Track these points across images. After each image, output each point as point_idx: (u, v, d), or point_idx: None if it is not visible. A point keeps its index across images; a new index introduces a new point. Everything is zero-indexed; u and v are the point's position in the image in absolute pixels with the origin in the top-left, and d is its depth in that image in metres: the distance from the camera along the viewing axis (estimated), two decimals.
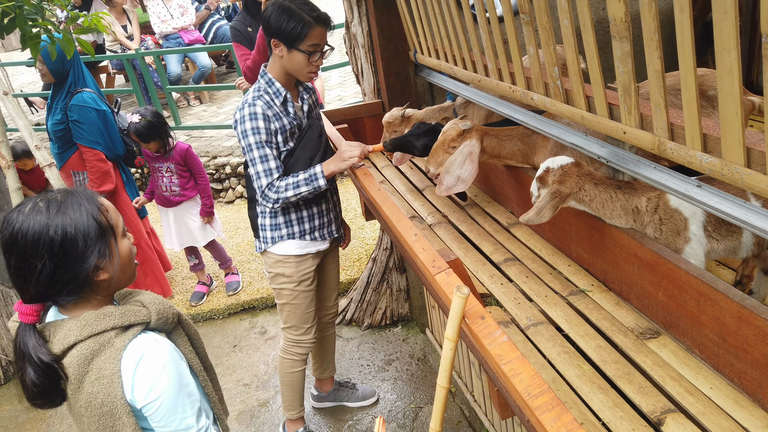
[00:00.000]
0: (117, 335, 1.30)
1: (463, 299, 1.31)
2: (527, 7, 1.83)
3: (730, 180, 1.29)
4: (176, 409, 1.31)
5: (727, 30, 1.14)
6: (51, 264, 1.24)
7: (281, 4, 2.19)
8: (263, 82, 2.32)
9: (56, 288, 1.28)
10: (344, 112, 3.25)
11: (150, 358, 1.29)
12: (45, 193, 1.31)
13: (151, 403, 1.29)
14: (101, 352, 1.28)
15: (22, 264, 1.25)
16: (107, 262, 1.30)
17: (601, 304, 1.79)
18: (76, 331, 1.28)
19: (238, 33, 3.80)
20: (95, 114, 3.59)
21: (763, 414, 1.33)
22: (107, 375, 1.27)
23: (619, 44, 1.47)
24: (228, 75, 8.71)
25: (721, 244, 1.63)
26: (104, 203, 1.34)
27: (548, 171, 1.80)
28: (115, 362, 1.27)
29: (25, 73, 11.76)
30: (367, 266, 3.87)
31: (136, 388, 1.28)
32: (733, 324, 1.36)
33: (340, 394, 3.18)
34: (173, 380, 1.31)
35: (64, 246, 1.24)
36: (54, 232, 1.23)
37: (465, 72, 2.51)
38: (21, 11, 2.44)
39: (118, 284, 1.38)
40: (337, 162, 2.30)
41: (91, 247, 1.27)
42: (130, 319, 1.33)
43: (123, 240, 1.36)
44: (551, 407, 1.06)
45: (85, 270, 1.27)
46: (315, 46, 2.21)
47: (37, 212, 1.25)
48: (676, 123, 1.43)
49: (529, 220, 1.78)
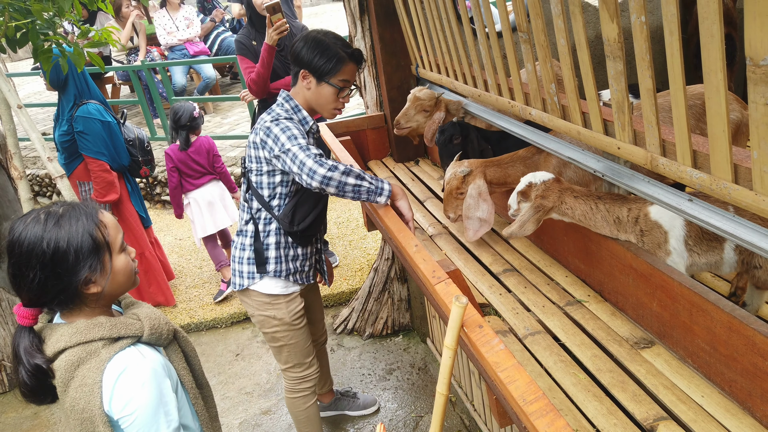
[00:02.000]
0: (104, 346, 1.34)
1: (462, 308, 1.35)
2: (525, 26, 1.89)
3: (718, 195, 1.34)
4: (150, 427, 1.33)
5: (713, 52, 1.19)
6: (41, 275, 1.29)
7: (314, 37, 2.15)
8: (288, 106, 2.21)
9: (48, 297, 1.33)
10: (347, 124, 3.31)
11: (131, 373, 1.33)
12: (50, 204, 1.37)
13: (126, 417, 1.32)
14: (87, 360, 1.32)
15: (17, 271, 1.31)
16: (98, 277, 1.34)
17: (597, 314, 1.83)
18: (67, 337, 1.33)
19: (242, 46, 3.87)
20: (100, 125, 3.67)
21: (752, 422, 1.37)
22: (89, 384, 1.31)
23: (612, 63, 1.52)
24: (232, 86, 8.80)
25: (702, 258, 1.67)
26: (104, 219, 1.37)
27: (531, 186, 1.86)
28: (98, 373, 1.31)
29: (31, 83, 11.87)
30: (369, 276, 3.91)
31: (114, 401, 1.31)
32: (724, 334, 1.41)
33: (342, 404, 3.21)
34: (151, 398, 1.33)
35: (55, 259, 1.29)
36: (47, 245, 1.28)
37: (465, 86, 2.57)
38: (33, 26, 2.51)
39: (110, 297, 1.41)
40: (406, 202, 2.11)
41: (83, 262, 1.31)
42: (120, 331, 1.36)
43: (119, 255, 1.39)
44: (545, 413, 1.11)
45: (75, 282, 1.31)
46: (345, 81, 2.17)
47: (35, 223, 1.30)
48: (667, 139, 1.48)
49: (513, 233, 1.83)
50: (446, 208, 2.32)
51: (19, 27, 2.51)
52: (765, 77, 1.08)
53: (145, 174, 4.05)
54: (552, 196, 1.82)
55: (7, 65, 12.40)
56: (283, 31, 3.34)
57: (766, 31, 1.05)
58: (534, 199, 1.83)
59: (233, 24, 8.40)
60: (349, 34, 3.32)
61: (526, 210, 1.84)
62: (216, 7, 8.23)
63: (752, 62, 1.09)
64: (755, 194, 1.24)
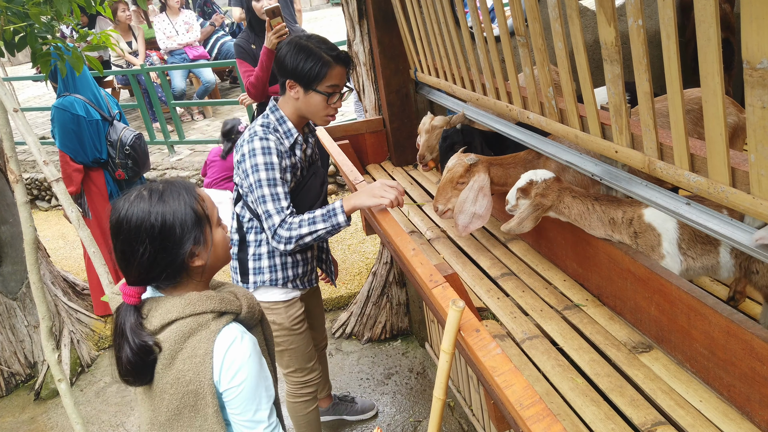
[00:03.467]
0: (213, 319, 1.38)
1: (459, 312, 1.35)
2: (523, 29, 1.89)
3: (716, 198, 1.33)
4: (254, 399, 1.38)
5: (710, 55, 1.19)
6: (151, 248, 1.33)
7: (297, 42, 2.05)
8: (273, 118, 2.15)
9: (156, 271, 1.37)
10: (345, 128, 3.31)
11: (240, 346, 1.37)
12: (148, 183, 1.42)
13: (234, 388, 1.36)
14: (198, 331, 1.36)
15: (126, 248, 1.34)
16: (202, 249, 1.39)
17: (595, 318, 1.83)
18: (179, 309, 1.36)
19: (242, 50, 3.88)
20: (69, 117, 3.68)
21: (751, 427, 1.36)
22: (200, 354, 1.34)
23: (610, 67, 1.52)
24: (231, 90, 8.81)
25: (698, 262, 1.66)
26: (201, 194, 1.43)
27: (532, 183, 1.86)
28: (209, 343, 1.35)
29: (31, 87, 11.88)
30: (368, 280, 3.90)
31: (224, 372, 1.35)
32: (722, 338, 1.40)
33: (339, 408, 3.20)
34: (256, 370, 1.38)
35: (163, 232, 1.33)
36: (155, 218, 1.32)
37: (464, 90, 2.57)
38: (32, 29, 2.51)
39: (212, 270, 1.46)
40: (362, 197, 2.01)
41: (188, 234, 1.35)
42: (226, 306, 1.42)
43: (217, 229, 1.45)
44: (542, 417, 1.10)
45: (181, 255, 1.35)
46: (334, 87, 2.07)
47: (140, 200, 1.34)
48: (665, 143, 1.48)
49: (511, 229, 1.84)
50: (438, 198, 2.21)
51: (17, 30, 2.51)
52: (762, 80, 1.08)
53: (119, 177, 3.99)
54: (551, 195, 1.82)
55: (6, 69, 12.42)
56: (283, 35, 3.34)
57: (762, 34, 1.04)
58: (534, 197, 1.84)
59: (233, 28, 8.41)
60: (348, 38, 3.33)
61: (525, 207, 1.85)
62: (216, 11, 8.25)
63: (749, 65, 1.09)
64: (753, 198, 1.24)
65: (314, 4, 18.06)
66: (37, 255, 2.17)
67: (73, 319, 4.26)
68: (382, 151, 3.43)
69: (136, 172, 4.04)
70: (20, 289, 4.03)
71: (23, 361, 4.04)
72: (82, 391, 3.90)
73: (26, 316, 4.04)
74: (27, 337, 4.05)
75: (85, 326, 4.33)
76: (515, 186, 1.92)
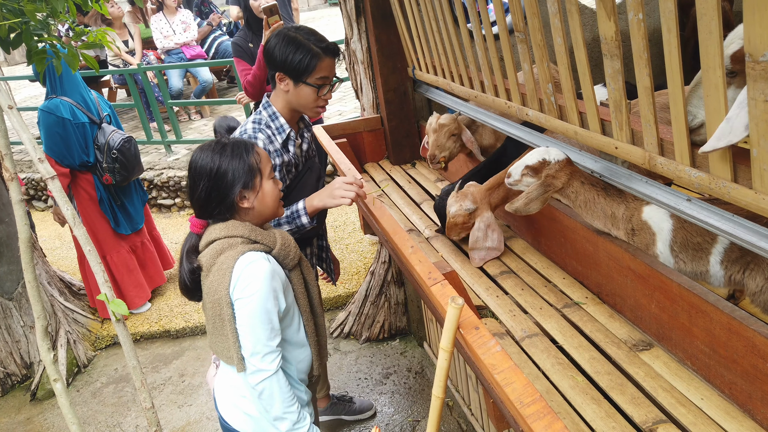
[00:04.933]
0: (243, 243, 1.65)
1: (458, 310, 1.33)
2: (522, 25, 1.87)
3: (718, 194, 1.32)
4: (256, 315, 1.60)
5: (711, 49, 1.18)
6: (208, 185, 1.66)
7: (286, 35, 2.04)
8: (266, 114, 2.15)
9: (211, 206, 1.68)
10: (343, 126, 3.29)
11: (257, 266, 1.62)
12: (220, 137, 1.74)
13: (242, 300, 1.60)
14: (227, 250, 1.64)
15: (192, 183, 1.68)
16: (250, 194, 1.69)
17: (594, 316, 1.81)
18: (218, 231, 1.67)
19: (239, 48, 3.86)
20: (54, 120, 3.64)
21: (753, 425, 1.35)
22: (224, 269, 1.62)
23: (610, 62, 1.51)
24: (229, 90, 8.79)
25: (688, 266, 1.64)
26: (259, 151, 1.73)
27: (544, 163, 1.81)
28: (232, 260, 1.61)
29: (28, 87, 11.84)
30: (366, 279, 3.88)
31: (238, 285, 1.61)
32: (724, 335, 1.39)
33: (337, 408, 3.18)
34: (264, 294, 1.61)
35: (218, 175, 1.65)
36: (213, 164, 1.66)
37: (462, 88, 2.56)
38: (27, 27, 2.48)
39: (260, 215, 1.74)
40: (324, 198, 2.03)
41: (238, 180, 1.66)
42: (258, 237, 1.69)
43: (268, 180, 1.73)
44: (543, 415, 1.08)
45: (232, 195, 1.66)
46: (324, 78, 2.06)
47: (210, 150, 1.68)
48: (665, 138, 1.47)
49: (517, 209, 1.81)
50: (449, 233, 2.34)
51: (12, 28, 2.48)
52: (764, 73, 1.06)
53: (107, 181, 3.93)
54: (562, 177, 1.78)
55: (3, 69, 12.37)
56: None
57: (765, 26, 1.03)
58: (545, 178, 1.79)
59: (230, 28, 8.39)
60: (346, 36, 3.31)
61: (534, 187, 1.79)
62: (213, 11, 8.22)
63: (751, 58, 1.08)
64: (755, 193, 1.22)
65: (312, 4, 18.04)
66: (32, 254, 2.15)
67: (69, 319, 4.24)
68: (380, 150, 3.42)
69: (124, 176, 3.94)
70: (16, 289, 4.01)
71: (19, 361, 4.02)
72: (79, 391, 3.88)
73: (22, 317, 4.01)
74: (23, 338, 4.03)
75: (82, 326, 4.31)
76: (522, 161, 1.86)
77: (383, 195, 3.01)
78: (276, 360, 1.65)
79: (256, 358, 1.62)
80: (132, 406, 3.65)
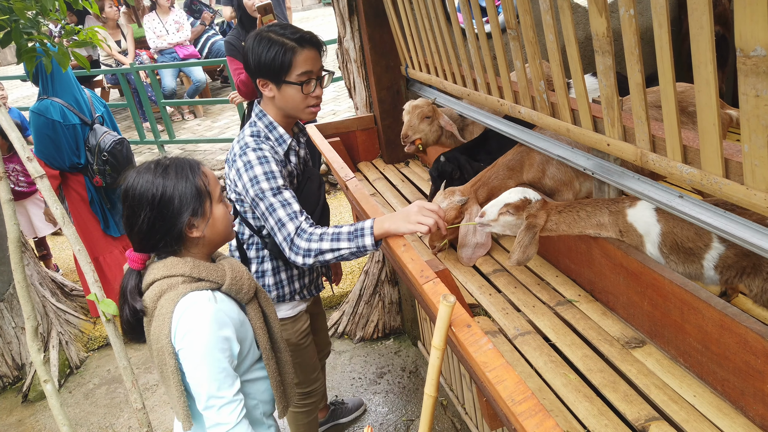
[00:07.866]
0: (184, 282, 1.46)
1: (450, 308, 1.32)
2: (514, 23, 1.87)
3: (709, 190, 1.32)
4: (200, 365, 1.42)
5: (703, 44, 1.17)
6: (150, 215, 1.44)
7: (258, 33, 1.88)
8: (262, 125, 1.98)
9: (155, 238, 1.47)
10: (337, 125, 3.28)
11: (196, 310, 1.43)
12: (158, 157, 1.53)
13: (184, 350, 1.43)
14: (167, 292, 1.45)
15: (130, 213, 1.46)
16: (200, 221, 1.49)
17: (587, 314, 1.81)
18: (157, 271, 1.48)
19: (232, 47, 3.84)
20: (44, 122, 3.60)
21: (745, 421, 1.35)
22: (164, 314, 1.44)
23: (601, 58, 1.51)
24: (222, 89, 8.77)
25: (680, 267, 1.63)
26: (205, 171, 1.53)
27: (526, 201, 1.80)
28: (172, 304, 1.44)
29: (20, 87, 11.78)
30: (360, 279, 3.88)
31: (177, 332, 1.43)
32: (716, 332, 1.39)
33: (335, 414, 3.16)
34: (209, 339, 1.42)
35: (162, 202, 1.44)
36: (156, 189, 1.44)
37: (455, 86, 2.55)
38: (17, 25, 2.46)
39: (211, 243, 1.55)
40: (397, 221, 1.70)
41: (186, 206, 1.45)
42: (202, 273, 1.49)
43: (218, 204, 1.54)
44: (534, 413, 1.07)
45: (179, 225, 1.46)
46: (307, 73, 1.87)
47: (147, 172, 1.47)
48: (657, 135, 1.46)
49: (518, 261, 1.76)
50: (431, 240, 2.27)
51: (1, 26, 2.46)
52: (756, 68, 1.06)
53: (97, 183, 3.89)
54: (542, 215, 1.76)
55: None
56: None
57: (756, 21, 1.03)
58: (527, 219, 1.77)
59: (223, 27, 8.37)
60: (339, 35, 3.30)
61: (522, 234, 1.77)
62: (204, 9, 8.19)
63: (743, 53, 1.07)
64: (746, 188, 1.22)
65: (306, 4, 18.02)
66: (21, 254, 2.13)
67: (61, 320, 4.21)
68: (373, 149, 3.41)
69: (114, 179, 3.88)
70: (7, 290, 3.98)
71: (11, 363, 3.99)
72: (71, 392, 3.85)
73: (14, 318, 3.98)
74: (14, 339, 3.99)
75: (74, 327, 4.28)
76: (501, 200, 1.84)
77: (376, 194, 3.00)
78: (235, 411, 1.45)
79: (211, 412, 1.44)
80: (125, 407, 3.63)
